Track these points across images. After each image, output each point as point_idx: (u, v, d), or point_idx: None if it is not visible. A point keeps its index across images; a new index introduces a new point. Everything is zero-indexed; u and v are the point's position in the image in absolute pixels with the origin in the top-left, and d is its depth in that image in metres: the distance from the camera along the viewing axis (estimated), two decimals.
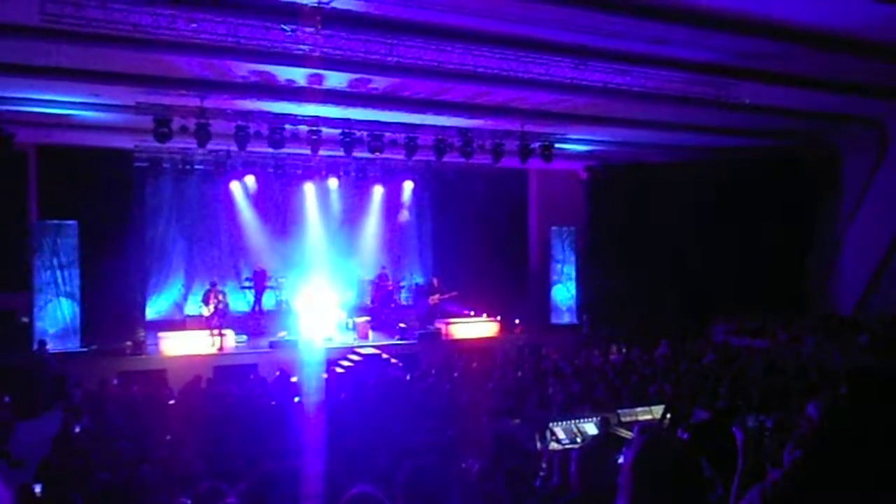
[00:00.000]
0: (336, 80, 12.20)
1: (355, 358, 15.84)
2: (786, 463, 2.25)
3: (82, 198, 15.67)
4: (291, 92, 12.70)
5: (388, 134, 15.14)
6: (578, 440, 9.63)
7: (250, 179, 18.28)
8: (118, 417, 11.14)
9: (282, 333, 16.97)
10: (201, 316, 16.56)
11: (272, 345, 16.15)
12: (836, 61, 11.62)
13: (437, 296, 19.07)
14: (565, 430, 10.00)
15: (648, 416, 10.88)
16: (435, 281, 19.62)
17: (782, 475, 2.23)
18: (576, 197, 20.93)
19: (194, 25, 9.11)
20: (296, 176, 18.78)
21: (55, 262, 15.33)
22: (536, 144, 16.19)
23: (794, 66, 12.10)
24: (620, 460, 6.72)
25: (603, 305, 19.19)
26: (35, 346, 14.44)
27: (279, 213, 19.34)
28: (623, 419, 10.64)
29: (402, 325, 17.85)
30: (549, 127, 15.83)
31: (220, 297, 16.37)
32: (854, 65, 11.82)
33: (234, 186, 18.42)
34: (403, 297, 20.52)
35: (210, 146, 13.98)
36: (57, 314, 15.35)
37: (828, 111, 15.60)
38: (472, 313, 19.32)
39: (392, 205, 20.54)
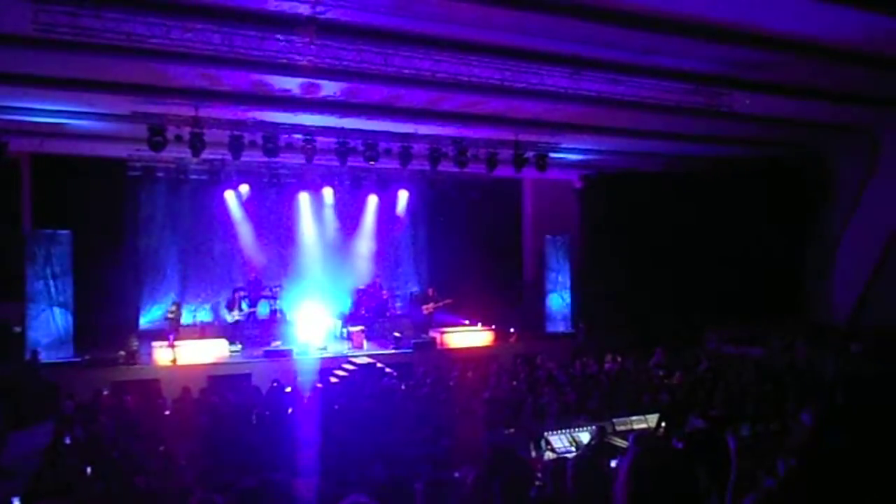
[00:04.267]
0: (331, 89, 12.22)
1: (350, 367, 15.79)
2: (780, 471, 2.24)
3: (76, 207, 15.63)
4: (286, 101, 12.71)
5: (382, 143, 15.14)
6: (573, 449, 9.61)
7: (245, 188, 18.24)
8: (111, 428, 11.07)
9: (276, 343, 16.91)
10: (235, 322, 17.68)
11: (266, 354, 16.08)
12: (826, 71, 11.72)
13: (431, 305, 19.06)
14: (560, 439, 9.99)
15: (643, 425, 10.88)
16: (429, 290, 19.62)
17: (777, 484, 2.23)
18: (570, 206, 20.97)
19: (189, 35, 9.11)
20: (290, 185, 18.78)
21: (48, 271, 15.23)
22: (531, 154, 16.23)
23: (785, 76, 12.19)
24: (613, 465, 6.73)
25: (598, 314, 19.18)
26: (27, 356, 14.35)
27: (274, 223, 19.29)
28: (618, 428, 10.64)
29: (396, 334, 17.81)
30: (544, 136, 15.88)
31: (175, 309, 16.42)
32: (845, 74, 11.92)
33: (229, 195, 18.36)
34: (398, 306, 20.49)
35: (204, 155, 13.95)
36: (50, 324, 15.25)
37: (819, 120, 15.70)
38: (467, 322, 19.29)
39: (387, 214, 20.53)
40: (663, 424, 10.59)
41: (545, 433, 10.09)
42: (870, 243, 17.27)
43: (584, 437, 9.95)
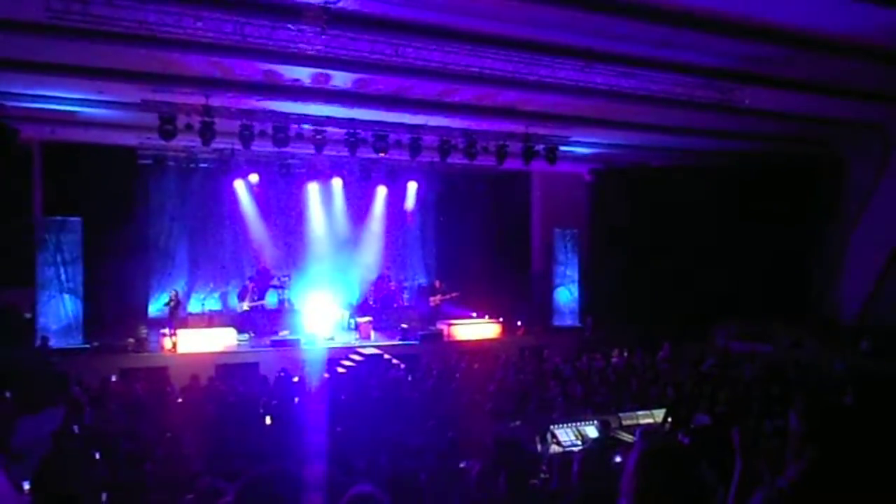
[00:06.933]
0: (341, 79, 12.21)
1: (357, 358, 15.84)
2: (791, 471, 2.23)
3: (86, 194, 15.68)
4: (296, 91, 12.71)
5: (392, 134, 15.14)
6: (579, 443, 9.63)
7: (254, 178, 18.27)
8: (119, 415, 11.16)
9: (284, 332, 16.98)
10: (245, 312, 17.63)
11: (274, 344, 16.15)
12: (839, 66, 11.62)
13: (438, 297, 19.07)
14: (566, 433, 10.00)
15: (649, 420, 10.89)
16: (437, 282, 19.63)
17: (789, 483, 2.22)
18: (579, 199, 20.92)
19: (200, 23, 9.12)
20: (300, 175, 18.80)
21: (59, 258, 15.34)
22: (540, 147, 16.18)
23: (798, 71, 12.10)
24: (618, 459, 6.71)
25: (605, 308, 19.16)
26: (37, 342, 14.47)
27: (283, 212, 19.35)
28: (624, 422, 10.65)
29: (403, 325, 17.84)
30: (554, 129, 15.82)
31: (174, 294, 16.49)
32: (857, 70, 11.82)
33: (238, 185, 18.42)
34: (406, 298, 20.53)
35: (214, 144, 13.96)
36: (60, 310, 15.36)
37: (832, 117, 15.58)
38: (474, 315, 19.30)
39: (395, 205, 20.55)
40: (669, 420, 10.60)
41: (551, 426, 10.10)
42: (881, 241, 17.14)
43: (590, 430, 9.95)
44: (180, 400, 12.18)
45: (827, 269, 18.93)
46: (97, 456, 8.39)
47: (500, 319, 18.88)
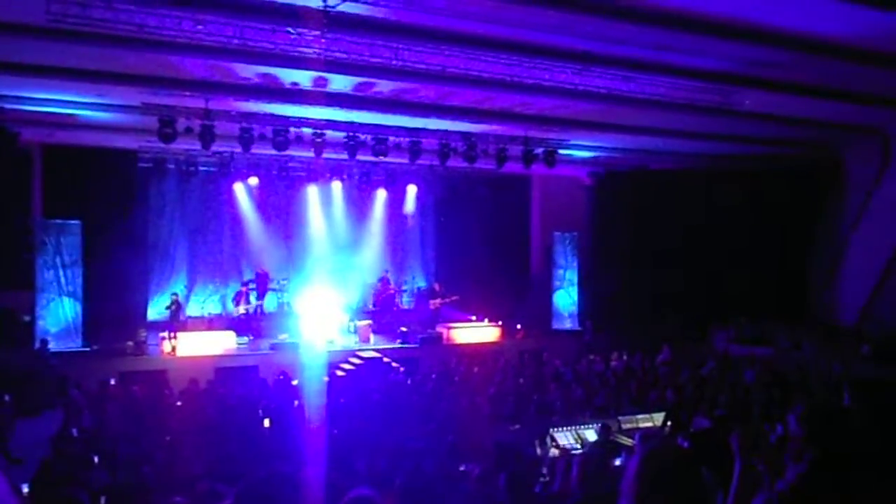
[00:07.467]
0: (341, 83, 12.23)
1: (356, 361, 15.82)
2: (791, 474, 2.23)
3: (86, 197, 15.70)
4: (296, 95, 12.71)
5: (392, 138, 15.14)
6: (578, 446, 9.62)
7: (254, 181, 18.28)
8: (118, 418, 11.15)
9: (283, 336, 16.95)
10: (241, 315, 17.65)
11: (273, 347, 16.13)
12: (840, 70, 11.63)
13: (438, 300, 19.06)
14: (566, 436, 9.99)
15: (649, 423, 10.88)
16: (437, 285, 19.62)
17: (790, 487, 2.22)
18: (578, 202, 20.92)
19: (200, 27, 9.13)
20: (299, 178, 18.81)
21: (58, 261, 15.35)
22: (540, 150, 16.20)
23: (798, 75, 12.11)
24: (617, 463, 6.69)
25: (605, 311, 19.16)
26: (37, 345, 14.45)
27: (282, 216, 19.34)
28: (624, 426, 10.64)
29: (403, 328, 17.82)
30: (553, 133, 15.83)
31: (175, 297, 16.51)
32: (858, 74, 11.83)
33: (238, 188, 18.43)
34: (405, 301, 20.51)
35: (214, 148, 13.98)
36: (59, 313, 15.36)
37: (832, 120, 15.60)
38: (474, 318, 19.27)
39: (395, 209, 20.55)
40: (669, 423, 10.59)
41: (551, 430, 10.10)
42: (880, 244, 17.16)
43: (590, 434, 9.94)
44: (179, 403, 12.16)
45: (826, 271, 18.94)
46: (96, 459, 8.37)
47: (500, 323, 18.86)
